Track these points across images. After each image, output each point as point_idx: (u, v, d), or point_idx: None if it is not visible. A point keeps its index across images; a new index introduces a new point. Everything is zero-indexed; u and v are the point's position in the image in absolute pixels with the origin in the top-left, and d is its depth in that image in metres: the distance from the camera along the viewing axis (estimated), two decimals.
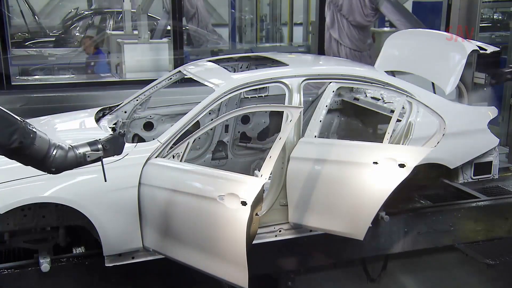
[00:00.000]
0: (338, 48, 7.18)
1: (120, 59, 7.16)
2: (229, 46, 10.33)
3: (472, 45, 4.77)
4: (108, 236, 3.75)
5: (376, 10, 6.85)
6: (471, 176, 5.03)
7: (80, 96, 6.40)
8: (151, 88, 4.92)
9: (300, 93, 4.31)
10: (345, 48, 7.10)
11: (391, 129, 4.17)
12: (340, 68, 4.73)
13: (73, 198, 3.64)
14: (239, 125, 5.40)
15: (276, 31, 11.71)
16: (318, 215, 4.15)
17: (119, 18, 9.99)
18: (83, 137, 4.45)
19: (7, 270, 3.91)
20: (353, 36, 7.03)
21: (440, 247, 5.14)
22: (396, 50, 5.26)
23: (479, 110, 5.06)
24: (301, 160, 4.14)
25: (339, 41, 7.18)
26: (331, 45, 7.26)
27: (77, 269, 4.05)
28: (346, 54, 7.21)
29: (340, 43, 7.16)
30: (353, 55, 7.25)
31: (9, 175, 3.60)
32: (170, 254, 3.81)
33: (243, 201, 3.39)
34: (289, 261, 4.66)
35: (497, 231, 5.28)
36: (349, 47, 7.06)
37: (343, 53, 7.20)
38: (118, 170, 3.73)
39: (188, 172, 3.72)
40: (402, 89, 4.59)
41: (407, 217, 4.93)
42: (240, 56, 5.35)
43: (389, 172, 3.90)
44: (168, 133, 3.94)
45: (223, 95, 4.13)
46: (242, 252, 3.45)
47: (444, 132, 4.53)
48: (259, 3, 11.76)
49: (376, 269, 5.20)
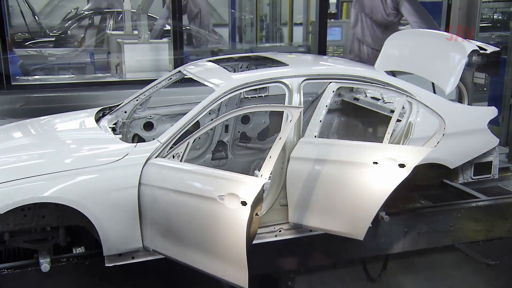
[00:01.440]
0: (360, 47, 7.12)
1: (120, 59, 7.15)
2: (229, 46, 10.32)
3: (472, 45, 4.77)
4: (108, 236, 3.74)
5: (397, 10, 6.81)
6: (471, 176, 5.03)
7: (80, 96, 6.39)
8: (151, 88, 4.92)
9: (300, 93, 4.31)
10: (367, 48, 7.03)
11: (391, 129, 4.17)
12: (340, 68, 4.73)
13: (73, 198, 3.63)
14: (239, 125, 5.40)
15: (276, 31, 11.70)
16: (318, 215, 4.16)
17: (119, 18, 9.98)
18: (83, 137, 4.50)
19: (7, 270, 3.91)
20: (376, 36, 6.96)
21: (440, 247, 5.14)
22: (396, 50, 5.27)
23: (479, 110, 5.06)
24: (301, 160, 4.14)
25: (361, 40, 7.12)
26: (354, 45, 7.22)
27: (77, 269, 4.05)
28: (368, 53, 7.12)
29: (362, 42, 7.11)
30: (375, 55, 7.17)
31: (9, 175, 3.60)
32: (170, 254, 3.81)
33: (243, 201, 3.39)
34: (289, 261, 4.66)
35: (497, 231, 5.28)
36: (371, 46, 6.99)
37: (364, 53, 7.13)
38: (118, 170, 3.74)
39: (188, 172, 3.72)
40: (402, 89, 4.59)
41: (407, 217, 4.93)
42: (240, 56, 5.35)
43: (389, 172, 3.91)
44: (168, 133, 3.94)
45: (223, 95, 4.13)
46: (242, 252, 3.45)
47: (444, 132, 4.53)
48: (259, 3, 11.74)
49: (376, 269, 5.20)
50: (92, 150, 3.97)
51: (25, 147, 4.17)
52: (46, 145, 4.16)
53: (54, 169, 3.65)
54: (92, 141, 4.24)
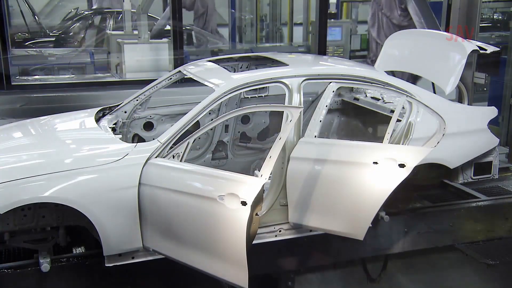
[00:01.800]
0: (377, 47, 7.11)
1: (120, 59, 7.16)
2: (229, 46, 10.33)
3: (472, 45, 4.77)
4: (108, 236, 3.74)
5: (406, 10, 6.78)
6: (471, 176, 5.03)
7: (80, 96, 6.39)
8: (151, 88, 4.92)
9: (300, 93, 4.31)
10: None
11: (391, 129, 4.17)
12: (340, 68, 4.73)
13: (73, 198, 3.63)
14: (239, 125, 5.40)
15: (276, 31, 11.70)
16: (318, 215, 4.16)
17: (119, 18, 9.98)
18: (83, 137, 4.50)
19: (7, 270, 3.92)
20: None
21: (440, 247, 5.14)
22: (396, 50, 5.27)
23: (479, 110, 5.06)
24: (301, 160, 4.14)
25: (377, 40, 7.12)
26: (371, 44, 7.21)
27: (77, 269, 4.05)
28: None
29: (378, 42, 7.10)
30: None
31: (9, 175, 3.60)
32: (170, 254, 3.81)
33: (243, 201, 3.40)
34: (289, 261, 4.66)
35: (497, 231, 5.28)
36: None
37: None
38: (118, 170, 3.74)
39: (188, 172, 3.72)
40: (402, 89, 4.59)
41: (407, 217, 4.93)
42: (240, 56, 5.35)
43: (389, 172, 3.91)
44: (168, 133, 3.94)
45: (223, 95, 4.13)
46: (242, 252, 3.45)
47: (444, 132, 4.53)
48: (259, 3, 11.75)
49: (376, 269, 5.20)
50: (92, 150, 3.97)
51: (25, 147, 4.17)
52: (46, 145, 4.16)
53: (54, 169, 3.65)
54: (92, 141, 4.24)
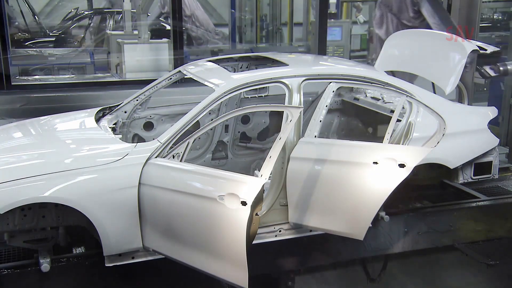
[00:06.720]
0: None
1: (120, 59, 7.16)
2: (229, 46, 10.33)
3: (472, 45, 4.77)
4: (108, 236, 3.74)
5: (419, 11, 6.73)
6: (471, 176, 5.02)
7: (80, 96, 6.39)
8: (151, 88, 4.92)
9: (300, 93, 4.31)
10: None
11: (391, 129, 4.16)
12: (340, 68, 4.72)
13: (73, 198, 3.63)
14: (239, 125, 5.40)
15: (276, 31, 11.70)
16: (318, 215, 4.16)
17: (119, 18, 9.99)
18: (83, 137, 4.50)
19: (7, 270, 3.92)
20: None
21: (440, 247, 5.14)
22: (396, 50, 5.27)
23: (479, 110, 5.06)
24: (301, 160, 4.14)
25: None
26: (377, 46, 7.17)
27: (77, 269, 4.05)
28: None
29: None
30: None
31: (9, 175, 3.60)
32: (170, 254, 3.81)
33: (243, 201, 3.40)
34: (289, 261, 4.66)
35: (497, 231, 5.28)
36: None
37: None
38: (118, 170, 3.74)
39: (188, 172, 3.72)
40: (402, 89, 4.59)
41: (407, 217, 4.93)
42: (240, 56, 5.34)
43: (389, 172, 3.90)
44: (168, 133, 3.94)
45: (223, 95, 4.13)
46: (242, 252, 3.46)
47: (444, 132, 4.53)
48: (259, 3, 11.74)
49: (376, 269, 5.20)
50: (92, 150, 3.97)
51: (25, 147, 4.17)
52: (46, 145, 4.16)
53: (54, 169, 3.65)
54: (92, 141, 4.24)
